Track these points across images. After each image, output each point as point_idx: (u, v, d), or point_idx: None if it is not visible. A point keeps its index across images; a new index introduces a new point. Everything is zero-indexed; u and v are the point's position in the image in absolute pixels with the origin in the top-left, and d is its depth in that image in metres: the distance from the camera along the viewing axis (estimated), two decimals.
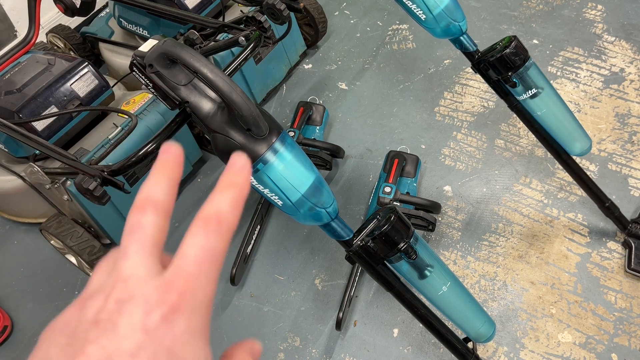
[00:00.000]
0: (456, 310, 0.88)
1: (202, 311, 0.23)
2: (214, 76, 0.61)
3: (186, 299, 0.22)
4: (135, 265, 0.23)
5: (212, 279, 0.23)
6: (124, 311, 0.21)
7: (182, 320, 0.22)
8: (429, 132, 1.53)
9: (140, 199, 0.25)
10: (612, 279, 1.18)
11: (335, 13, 1.96)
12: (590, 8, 1.73)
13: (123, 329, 0.21)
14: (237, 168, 0.27)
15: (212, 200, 0.26)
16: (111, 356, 0.20)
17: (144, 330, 0.21)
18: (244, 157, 0.27)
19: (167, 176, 0.26)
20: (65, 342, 0.22)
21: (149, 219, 0.25)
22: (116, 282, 0.23)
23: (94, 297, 0.23)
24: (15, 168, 1.31)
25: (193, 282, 0.23)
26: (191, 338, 0.22)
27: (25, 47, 1.23)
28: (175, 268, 0.23)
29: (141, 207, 0.25)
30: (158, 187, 0.26)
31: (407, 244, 0.77)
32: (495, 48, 0.93)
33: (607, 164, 1.36)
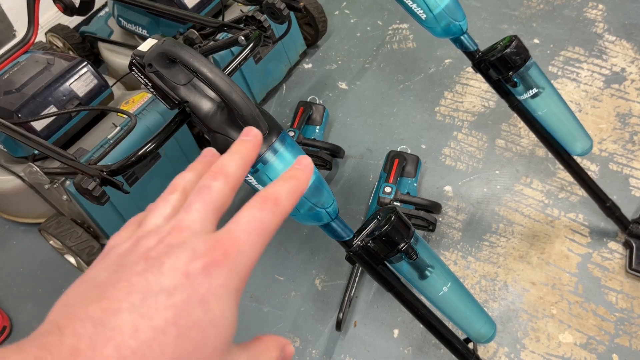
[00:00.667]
0: (457, 310, 0.87)
1: (240, 275, 0.24)
2: (213, 76, 0.61)
3: (229, 258, 0.24)
4: (194, 220, 0.25)
5: (257, 249, 0.25)
6: (172, 254, 0.23)
7: (220, 275, 0.23)
8: (430, 132, 1.52)
9: (214, 168, 0.28)
10: (613, 279, 1.17)
11: (336, 12, 1.96)
12: (591, 7, 1.72)
13: (167, 269, 0.23)
14: (303, 165, 0.30)
15: (273, 185, 0.28)
16: (150, 288, 0.22)
17: (184, 274, 0.23)
18: (309, 158, 0.30)
19: (243, 155, 0.30)
20: (114, 270, 0.24)
21: (218, 185, 0.27)
22: (172, 230, 0.25)
23: (149, 236, 0.25)
24: (14, 168, 1.31)
25: (239, 246, 0.25)
26: (225, 294, 0.23)
27: (24, 46, 1.23)
28: (226, 230, 0.25)
29: (214, 174, 0.28)
30: (232, 162, 0.29)
31: (407, 244, 0.77)
32: (496, 48, 0.93)
33: (608, 164, 1.35)
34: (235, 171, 0.28)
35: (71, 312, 0.22)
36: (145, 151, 0.81)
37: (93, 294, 0.22)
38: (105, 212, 1.29)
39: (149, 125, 1.31)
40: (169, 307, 0.22)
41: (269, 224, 0.26)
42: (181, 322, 0.22)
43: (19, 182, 1.30)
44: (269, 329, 1.23)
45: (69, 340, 0.20)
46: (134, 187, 1.31)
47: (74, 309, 0.22)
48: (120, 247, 0.25)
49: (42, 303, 1.37)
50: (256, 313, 1.26)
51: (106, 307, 0.21)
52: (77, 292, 0.23)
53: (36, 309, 1.36)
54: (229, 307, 0.24)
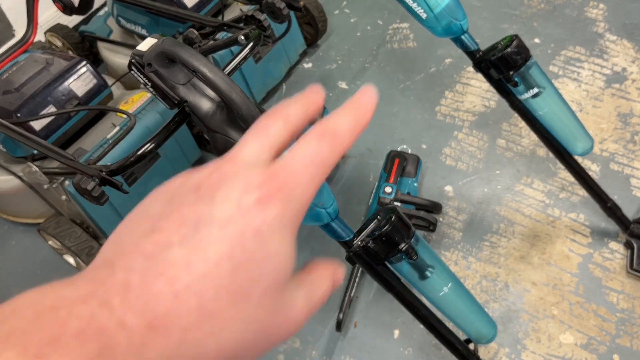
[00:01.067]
0: (457, 311, 0.87)
1: (297, 209, 0.23)
2: (213, 75, 0.60)
3: (285, 191, 0.23)
4: (248, 152, 0.24)
5: (314, 184, 0.24)
6: (224, 185, 0.22)
7: (275, 208, 0.22)
8: (430, 132, 1.52)
9: (273, 111, 0.27)
10: (614, 279, 1.17)
11: (336, 12, 1.95)
12: (592, 7, 1.72)
13: (219, 200, 0.22)
14: (367, 97, 0.27)
15: (332, 116, 0.26)
16: (202, 220, 0.21)
17: (237, 206, 0.22)
18: (375, 92, 0.27)
19: (303, 103, 0.28)
20: (166, 201, 0.23)
21: (278, 128, 0.26)
22: (226, 161, 0.24)
23: (201, 169, 0.24)
24: (13, 168, 1.30)
25: (295, 179, 0.23)
26: (280, 228, 0.22)
27: (23, 46, 1.22)
28: (281, 163, 0.24)
29: (272, 115, 0.26)
30: (292, 108, 0.27)
31: (407, 244, 0.77)
32: (497, 47, 0.92)
33: (609, 164, 1.35)
34: (295, 115, 0.27)
35: (122, 247, 0.21)
36: (145, 151, 0.81)
37: (143, 227, 0.22)
38: (105, 212, 1.28)
39: (149, 125, 1.30)
40: (222, 240, 0.21)
41: (327, 158, 0.25)
42: (235, 256, 0.21)
43: (18, 182, 1.30)
44: None
45: (121, 274, 0.20)
46: (134, 187, 1.31)
47: (124, 244, 0.21)
48: (174, 181, 0.24)
49: None
50: None
51: (157, 240, 0.21)
52: (127, 227, 0.23)
53: None
54: (285, 242, 0.23)
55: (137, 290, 0.19)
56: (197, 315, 0.20)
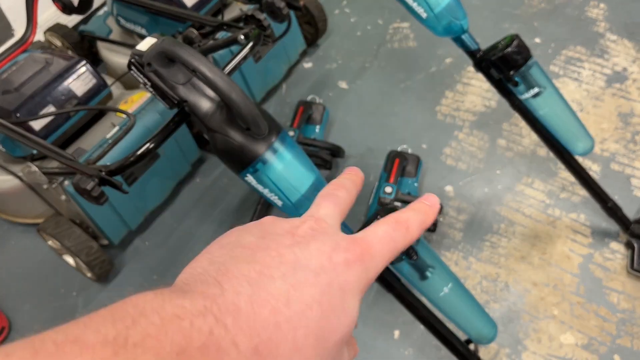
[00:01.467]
0: (458, 311, 0.87)
1: (369, 277, 0.26)
2: (212, 75, 0.60)
3: (366, 258, 0.25)
4: (327, 214, 0.28)
5: (385, 260, 0.27)
6: (317, 238, 0.25)
7: (357, 271, 0.25)
8: (430, 132, 1.52)
9: (334, 183, 0.32)
10: (614, 279, 1.17)
11: (336, 11, 1.95)
12: (592, 7, 1.72)
13: (314, 249, 0.24)
14: (431, 203, 0.31)
15: (407, 211, 0.30)
16: (299, 263, 0.23)
17: (329, 259, 0.24)
18: (436, 198, 0.32)
19: (353, 178, 0.34)
20: (260, 235, 0.25)
21: (343, 193, 0.31)
22: (309, 217, 0.27)
23: (289, 220, 0.27)
24: (12, 168, 1.30)
25: (375, 251, 0.26)
26: (356, 289, 0.25)
27: (22, 46, 1.22)
28: (363, 235, 0.27)
29: (337, 185, 0.32)
30: (347, 180, 0.33)
31: None
32: (497, 47, 0.92)
33: (609, 163, 1.35)
34: (350, 188, 0.32)
35: (225, 269, 0.23)
36: (144, 151, 0.81)
37: (243, 255, 0.23)
38: (104, 212, 1.28)
39: (148, 124, 1.30)
40: (315, 285, 0.23)
41: (397, 244, 0.28)
42: (324, 303, 0.23)
43: (17, 182, 1.29)
44: None
45: (231, 296, 0.21)
46: (133, 187, 1.30)
47: (226, 266, 0.23)
48: (264, 220, 0.27)
49: (41, 303, 1.36)
50: None
51: (260, 270, 0.22)
52: (221, 252, 0.24)
53: (34, 310, 1.35)
54: (357, 302, 0.25)
55: (246, 313, 0.21)
56: (290, 348, 0.21)
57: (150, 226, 1.45)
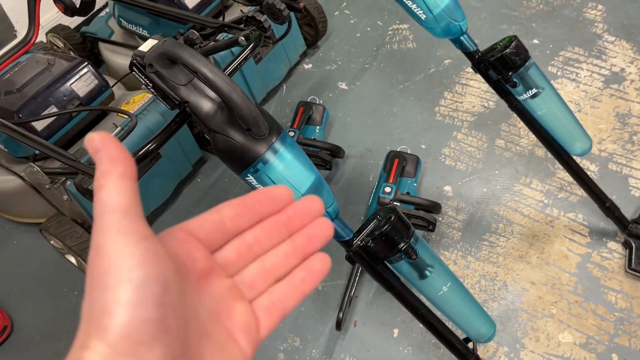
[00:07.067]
0: (456, 310, 0.87)
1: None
2: (213, 76, 0.61)
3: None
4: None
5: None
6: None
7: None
8: (430, 132, 1.53)
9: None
10: (612, 279, 1.17)
11: (336, 13, 1.96)
12: (590, 8, 1.72)
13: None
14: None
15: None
16: None
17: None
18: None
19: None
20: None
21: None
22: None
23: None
24: (15, 168, 1.31)
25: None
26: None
27: (24, 47, 1.23)
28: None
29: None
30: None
31: (407, 244, 0.77)
32: (496, 48, 0.93)
33: (607, 164, 1.36)
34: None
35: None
36: (146, 151, 0.81)
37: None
38: None
39: (150, 125, 1.31)
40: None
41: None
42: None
43: (20, 182, 1.30)
44: None
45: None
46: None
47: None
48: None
49: (43, 303, 1.37)
50: None
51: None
52: None
53: (37, 309, 1.36)
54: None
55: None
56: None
57: (152, 226, 1.45)
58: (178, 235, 0.29)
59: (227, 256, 0.31)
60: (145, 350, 0.23)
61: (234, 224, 0.31)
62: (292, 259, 0.32)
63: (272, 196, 0.32)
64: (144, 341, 0.23)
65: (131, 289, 0.23)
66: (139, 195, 0.27)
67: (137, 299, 0.23)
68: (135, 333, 0.23)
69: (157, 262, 0.24)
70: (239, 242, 0.31)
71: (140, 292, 0.23)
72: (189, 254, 0.28)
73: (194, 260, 0.29)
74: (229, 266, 0.31)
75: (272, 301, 0.31)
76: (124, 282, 0.23)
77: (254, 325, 0.30)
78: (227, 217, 0.31)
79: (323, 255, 0.32)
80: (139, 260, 0.24)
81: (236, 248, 0.31)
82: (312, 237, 0.32)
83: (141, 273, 0.23)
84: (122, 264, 0.23)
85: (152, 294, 0.23)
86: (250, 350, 0.29)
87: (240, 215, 0.31)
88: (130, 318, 0.22)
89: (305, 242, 0.32)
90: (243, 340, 0.29)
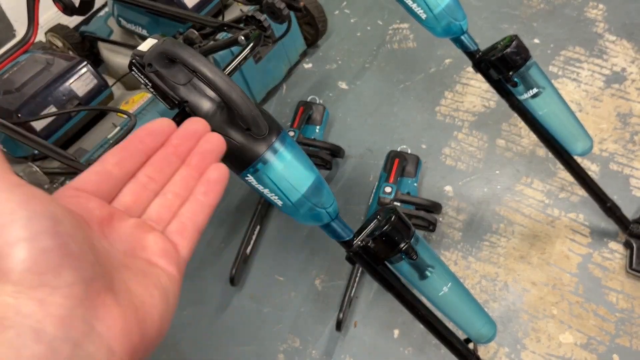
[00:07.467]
0: (457, 311, 0.87)
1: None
2: (213, 75, 0.60)
3: None
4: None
5: None
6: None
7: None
8: (430, 132, 1.52)
9: None
10: (613, 279, 1.17)
11: (336, 12, 1.96)
12: (591, 7, 1.72)
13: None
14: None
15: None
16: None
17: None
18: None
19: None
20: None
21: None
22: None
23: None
24: (13, 168, 1.29)
25: None
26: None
27: (23, 46, 1.22)
28: None
29: None
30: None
31: (407, 244, 0.77)
32: (496, 47, 0.92)
33: (608, 164, 1.35)
34: None
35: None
36: None
37: None
38: None
39: None
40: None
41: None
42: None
43: None
44: (268, 330, 1.23)
45: None
46: None
47: None
48: None
49: None
50: (256, 313, 1.26)
51: None
52: None
53: None
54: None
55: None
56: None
57: None
58: (66, 193, 0.28)
59: (124, 201, 0.30)
60: (54, 277, 0.22)
61: (121, 170, 0.30)
62: (191, 182, 0.32)
63: (151, 131, 0.32)
64: (49, 269, 0.22)
65: (19, 227, 0.22)
66: (2, 154, 0.25)
67: (28, 234, 0.22)
68: (38, 264, 0.22)
69: (39, 201, 0.23)
70: (133, 184, 0.31)
71: (30, 227, 0.22)
72: (81, 206, 0.28)
73: (88, 210, 0.28)
74: (131, 209, 0.30)
75: (183, 222, 0.31)
76: (8, 225, 0.22)
77: (171, 248, 0.29)
78: (111, 165, 0.30)
79: (218, 164, 0.32)
80: (19, 202, 0.23)
81: (132, 191, 0.30)
82: (204, 154, 0.32)
83: (24, 212, 0.22)
84: (3, 210, 0.22)
85: (43, 226, 0.22)
86: (175, 270, 0.29)
87: (125, 159, 0.30)
88: (28, 252, 0.22)
89: (199, 161, 0.32)
90: (164, 263, 0.28)
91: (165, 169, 0.31)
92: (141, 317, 0.25)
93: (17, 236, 0.22)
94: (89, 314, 0.23)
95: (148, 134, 0.32)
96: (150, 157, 0.31)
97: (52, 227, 0.23)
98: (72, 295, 0.22)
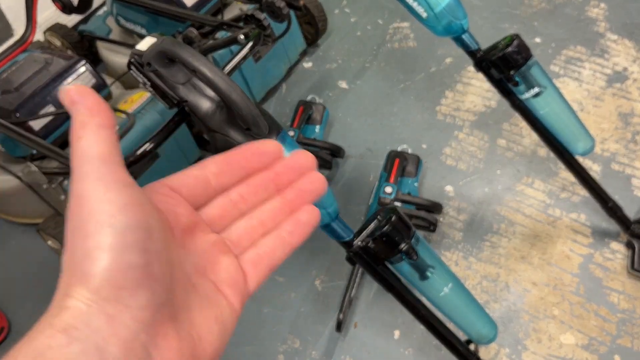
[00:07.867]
0: (458, 311, 0.87)
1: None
2: (212, 75, 0.60)
3: None
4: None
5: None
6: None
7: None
8: (430, 132, 1.52)
9: None
10: (615, 279, 1.17)
11: (336, 11, 1.95)
12: (592, 6, 1.71)
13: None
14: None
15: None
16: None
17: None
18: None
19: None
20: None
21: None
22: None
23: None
24: (12, 168, 1.30)
25: None
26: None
27: (22, 45, 1.22)
28: None
29: None
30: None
31: (408, 244, 0.76)
32: (498, 46, 0.92)
33: (610, 163, 1.35)
34: None
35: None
36: (144, 151, 0.81)
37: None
38: None
39: (148, 124, 1.30)
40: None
41: None
42: None
43: (17, 182, 1.29)
44: (268, 330, 1.23)
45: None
46: None
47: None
48: None
49: (41, 303, 1.35)
50: (256, 314, 1.26)
51: None
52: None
53: (34, 310, 1.35)
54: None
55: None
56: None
57: None
58: (160, 189, 0.28)
59: (211, 213, 0.29)
60: (129, 296, 0.22)
61: (218, 181, 0.29)
62: (280, 215, 0.30)
63: (259, 151, 0.30)
64: (127, 286, 0.22)
65: (113, 234, 0.22)
66: (119, 145, 0.25)
67: (120, 244, 0.22)
68: (119, 278, 0.22)
69: (140, 209, 0.23)
70: (224, 199, 0.30)
71: (123, 238, 0.22)
72: (171, 208, 0.27)
73: (176, 215, 0.27)
74: (214, 223, 0.29)
75: (259, 254, 0.30)
76: (105, 228, 0.22)
77: (241, 278, 0.29)
78: (211, 174, 0.29)
79: (311, 207, 0.31)
80: (120, 207, 0.23)
81: (220, 205, 0.30)
82: (302, 192, 0.31)
83: (123, 219, 0.22)
84: (103, 209, 0.22)
85: (135, 239, 0.22)
86: (238, 303, 0.28)
87: (225, 171, 0.30)
88: (113, 263, 0.22)
89: (295, 197, 0.30)
90: (230, 294, 0.28)
91: (260, 193, 0.30)
92: (196, 354, 0.25)
93: (109, 243, 0.22)
94: (150, 342, 0.22)
95: (254, 153, 0.30)
96: (249, 176, 0.30)
97: (144, 242, 0.23)
98: (140, 319, 0.22)
